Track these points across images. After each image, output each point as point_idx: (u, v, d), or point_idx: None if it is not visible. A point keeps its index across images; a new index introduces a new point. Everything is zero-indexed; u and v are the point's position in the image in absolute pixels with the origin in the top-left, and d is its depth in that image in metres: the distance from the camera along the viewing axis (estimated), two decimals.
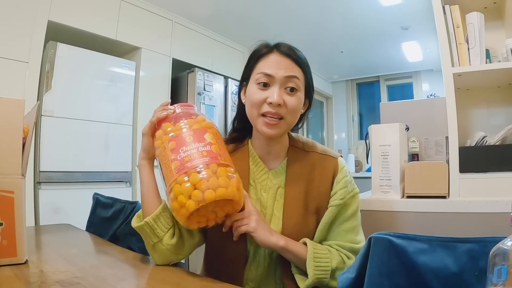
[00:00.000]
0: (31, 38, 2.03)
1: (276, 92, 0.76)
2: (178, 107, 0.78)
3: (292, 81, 0.77)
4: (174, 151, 0.68)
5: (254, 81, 0.79)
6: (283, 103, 0.76)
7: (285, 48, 0.80)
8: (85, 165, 2.29)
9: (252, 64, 0.82)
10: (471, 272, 0.47)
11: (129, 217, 1.09)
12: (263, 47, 0.82)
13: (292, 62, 0.79)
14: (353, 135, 5.33)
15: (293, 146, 0.86)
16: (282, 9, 2.99)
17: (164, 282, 0.69)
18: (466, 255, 0.48)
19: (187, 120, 0.73)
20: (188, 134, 0.70)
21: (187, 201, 0.64)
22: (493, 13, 1.47)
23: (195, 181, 0.64)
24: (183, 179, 0.65)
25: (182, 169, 0.65)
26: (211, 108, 3.02)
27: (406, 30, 3.37)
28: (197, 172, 0.65)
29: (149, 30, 2.76)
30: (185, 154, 0.67)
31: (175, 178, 0.65)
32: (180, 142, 0.69)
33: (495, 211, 1.09)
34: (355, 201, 0.82)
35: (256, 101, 0.77)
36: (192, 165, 0.65)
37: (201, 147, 0.68)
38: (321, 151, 0.86)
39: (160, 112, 0.76)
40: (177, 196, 0.65)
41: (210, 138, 0.70)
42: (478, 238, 0.48)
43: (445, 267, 0.48)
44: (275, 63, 0.78)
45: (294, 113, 0.79)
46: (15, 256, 0.73)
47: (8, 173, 0.73)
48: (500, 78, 1.37)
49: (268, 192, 0.82)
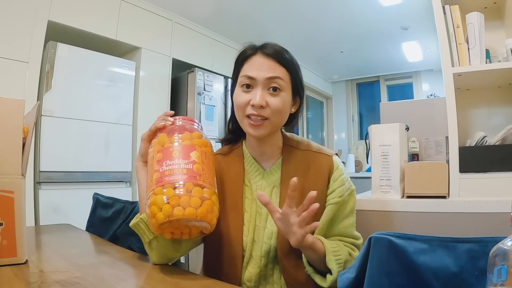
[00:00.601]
0: (31, 38, 2.03)
1: (258, 94, 0.76)
2: (180, 119, 0.80)
3: (274, 81, 0.77)
4: (159, 162, 0.70)
5: (239, 84, 0.81)
6: (265, 105, 0.76)
7: (269, 49, 0.79)
8: (85, 165, 2.29)
9: (237, 66, 0.84)
10: (471, 272, 0.47)
11: (129, 217, 1.09)
12: (248, 49, 0.83)
13: (275, 63, 0.78)
14: (353, 135, 5.33)
15: (288, 145, 0.86)
16: (282, 9, 2.99)
17: (164, 282, 0.69)
18: (466, 255, 0.48)
19: (181, 134, 0.74)
20: (176, 149, 0.72)
21: (158, 212, 0.66)
22: (493, 13, 1.47)
23: (168, 196, 0.66)
24: (160, 190, 0.67)
25: (160, 182, 0.68)
26: (211, 108, 3.02)
27: (406, 30, 3.37)
28: (173, 187, 0.67)
29: (149, 30, 2.76)
30: (167, 168, 0.69)
31: (153, 188, 0.68)
32: (166, 155, 0.71)
33: (495, 211, 1.09)
34: (353, 198, 0.84)
35: (240, 103, 0.79)
36: (170, 180, 0.67)
37: (183, 164, 0.69)
38: (315, 149, 0.86)
39: (159, 122, 0.77)
40: (151, 205, 0.67)
41: (196, 156, 0.71)
42: (478, 238, 0.48)
43: (445, 267, 0.48)
44: (258, 65, 0.78)
45: (279, 113, 0.79)
46: (15, 256, 0.73)
47: (8, 173, 0.73)
48: (500, 78, 1.37)
49: (264, 191, 0.82)
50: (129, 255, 0.90)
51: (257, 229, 0.80)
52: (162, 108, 2.82)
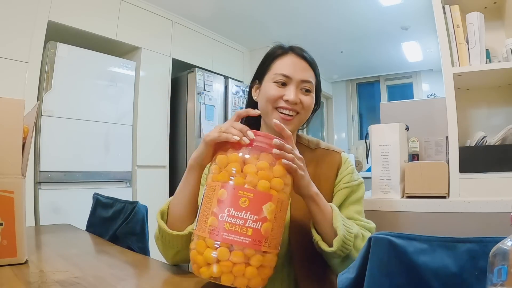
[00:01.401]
0: (31, 38, 2.03)
1: (293, 92, 0.80)
2: (261, 138, 0.63)
3: (307, 84, 0.83)
4: (220, 204, 0.58)
5: (271, 80, 0.83)
6: (299, 102, 0.81)
7: (299, 50, 0.85)
8: (85, 165, 2.29)
9: (267, 64, 0.86)
10: (471, 272, 0.47)
11: (129, 217, 1.09)
12: (278, 49, 0.86)
13: (306, 64, 0.84)
14: (353, 135, 5.33)
15: (299, 143, 0.90)
16: (282, 9, 2.99)
17: (164, 282, 0.69)
18: (466, 255, 0.48)
19: (260, 170, 0.59)
20: (246, 194, 0.57)
21: (203, 266, 0.58)
22: (493, 13, 1.47)
23: (221, 257, 0.56)
24: (212, 244, 0.56)
25: (215, 234, 0.56)
26: (211, 108, 3.02)
27: (406, 30, 3.37)
28: (229, 249, 0.56)
29: (149, 30, 2.76)
30: (229, 219, 0.56)
31: (205, 237, 0.57)
32: (231, 200, 0.57)
33: (495, 211, 1.09)
34: (361, 189, 0.86)
35: (272, 96, 0.81)
36: (228, 239, 0.55)
37: (251, 221, 0.56)
38: (325, 147, 0.91)
39: (233, 135, 0.62)
40: (197, 251, 0.59)
41: (268, 211, 0.58)
42: (478, 238, 0.48)
43: (445, 267, 0.48)
44: (292, 64, 0.82)
45: (308, 110, 0.84)
46: (15, 256, 0.73)
47: (8, 173, 0.73)
48: (500, 78, 1.37)
49: None
50: (129, 255, 0.90)
51: None
52: (162, 108, 2.82)
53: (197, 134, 2.87)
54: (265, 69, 0.86)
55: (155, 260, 0.84)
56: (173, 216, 0.73)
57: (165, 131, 2.84)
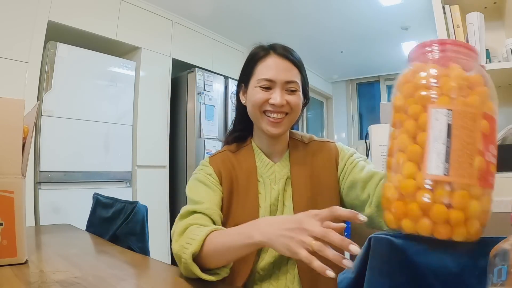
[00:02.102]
0: (31, 38, 2.03)
1: (278, 94, 0.80)
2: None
3: (291, 84, 0.82)
4: (486, 139, 0.42)
5: (255, 84, 0.82)
6: (285, 103, 0.81)
7: (280, 49, 0.83)
8: (85, 165, 2.29)
9: (250, 67, 0.85)
10: (471, 272, 0.47)
11: (129, 217, 1.09)
12: (259, 50, 0.85)
13: (289, 64, 0.82)
14: (353, 135, 5.33)
15: (293, 139, 0.91)
16: (282, 9, 2.99)
17: (164, 282, 0.69)
18: (466, 255, 0.48)
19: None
20: (492, 125, 0.43)
21: (416, 216, 0.42)
22: (493, 13, 1.47)
23: (456, 203, 0.41)
24: (480, 191, 0.42)
25: (485, 181, 0.42)
26: (211, 108, 3.02)
27: (406, 30, 3.37)
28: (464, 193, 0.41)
29: (149, 30, 2.76)
30: (491, 159, 0.43)
31: (472, 184, 0.41)
32: (491, 133, 0.44)
33: (495, 211, 1.09)
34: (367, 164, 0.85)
35: (258, 100, 0.81)
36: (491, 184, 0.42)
37: (491, 155, 0.43)
38: (318, 139, 0.92)
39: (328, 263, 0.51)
40: (408, 198, 0.43)
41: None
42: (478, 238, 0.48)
43: (445, 267, 0.48)
44: (274, 66, 0.81)
45: (297, 109, 0.84)
46: (15, 256, 0.73)
47: (8, 173, 0.73)
48: (500, 78, 1.37)
49: (278, 184, 0.84)
50: (129, 255, 0.90)
51: None
52: (162, 108, 2.82)
53: (197, 134, 2.87)
54: (248, 73, 0.85)
55: (155, 260, 0.84)
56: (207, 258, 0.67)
57: (165, 131, 2.84)
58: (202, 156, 2.85)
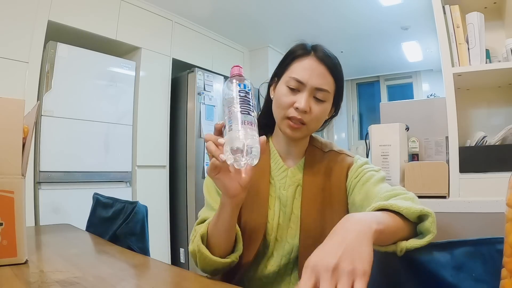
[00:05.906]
0: (31, 38, 2.03)
1: (304, 99, 0.76)
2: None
3: (321, 92, 0.77)
4: None
5: (285, 82, 0.79)
6: (309, 110, 0.77)
7: (321, 53, 0.79)
8: (85, 165, 2.29)
9: (286, 63, 0.82)
10: (468, 273, 0.47)
11: (129, 217, 1.09)
12: (299, 48, 0.81)
13: (325, 70, 0.78)
14: (353, 135, 5.33)
15: (312, 146, 0.88)
16: (282, 9, 2.99)
17: (164, 282, 0.69)
18: (463, 256, 0.48)
19: None
20: None
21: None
22: (493, 13, 1.47)
23: None
24: None
25: None
26: (211, 108, 3.02)
27: (406, 30, 3.37)
28: None
29: (149, 30, 2.76)
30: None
31: None
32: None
33: (495, 211, 1.09)
34: (380, 172, 0.79)
35: (283, 103, 0.78)
36: None
37: None
38: (337, 150, 0.88)
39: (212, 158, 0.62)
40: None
41: None
42: (475, 240, 0.48)
43: (444, 268, 0.48)
44: (309, 69, 0.77)
45: (318, 121, 0.80)
46: (15, 256, 0.73)
47: (8, 173, 0.73)
48: (500, 78, 1.37)
49: (288, 190, 0.82)
50: (129, 255, 0.90)
51: (280, 227, 0.80)
52: (162, 108, 2.82)
53: (197, 134, 2.87)
54: (283, 68, 0.82)
55: (155, 260, 0.84)
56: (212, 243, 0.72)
57: (165, 131, 2.84)
58: (202, 156, 2.85)
